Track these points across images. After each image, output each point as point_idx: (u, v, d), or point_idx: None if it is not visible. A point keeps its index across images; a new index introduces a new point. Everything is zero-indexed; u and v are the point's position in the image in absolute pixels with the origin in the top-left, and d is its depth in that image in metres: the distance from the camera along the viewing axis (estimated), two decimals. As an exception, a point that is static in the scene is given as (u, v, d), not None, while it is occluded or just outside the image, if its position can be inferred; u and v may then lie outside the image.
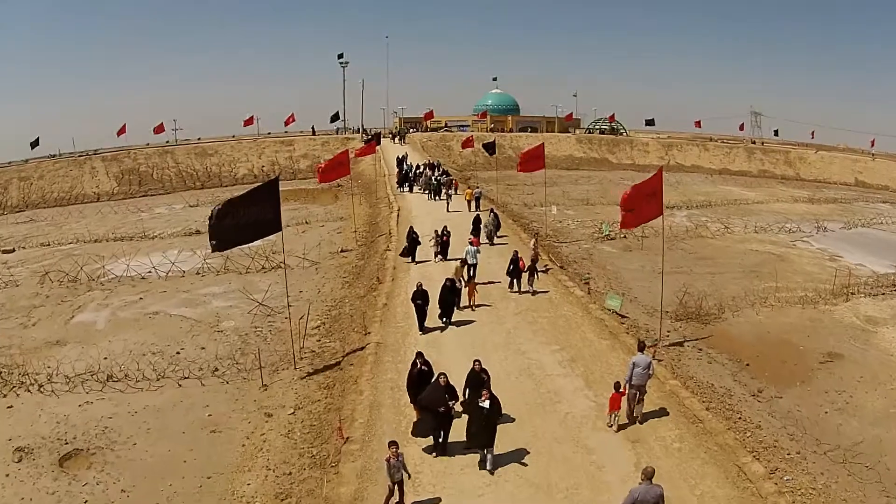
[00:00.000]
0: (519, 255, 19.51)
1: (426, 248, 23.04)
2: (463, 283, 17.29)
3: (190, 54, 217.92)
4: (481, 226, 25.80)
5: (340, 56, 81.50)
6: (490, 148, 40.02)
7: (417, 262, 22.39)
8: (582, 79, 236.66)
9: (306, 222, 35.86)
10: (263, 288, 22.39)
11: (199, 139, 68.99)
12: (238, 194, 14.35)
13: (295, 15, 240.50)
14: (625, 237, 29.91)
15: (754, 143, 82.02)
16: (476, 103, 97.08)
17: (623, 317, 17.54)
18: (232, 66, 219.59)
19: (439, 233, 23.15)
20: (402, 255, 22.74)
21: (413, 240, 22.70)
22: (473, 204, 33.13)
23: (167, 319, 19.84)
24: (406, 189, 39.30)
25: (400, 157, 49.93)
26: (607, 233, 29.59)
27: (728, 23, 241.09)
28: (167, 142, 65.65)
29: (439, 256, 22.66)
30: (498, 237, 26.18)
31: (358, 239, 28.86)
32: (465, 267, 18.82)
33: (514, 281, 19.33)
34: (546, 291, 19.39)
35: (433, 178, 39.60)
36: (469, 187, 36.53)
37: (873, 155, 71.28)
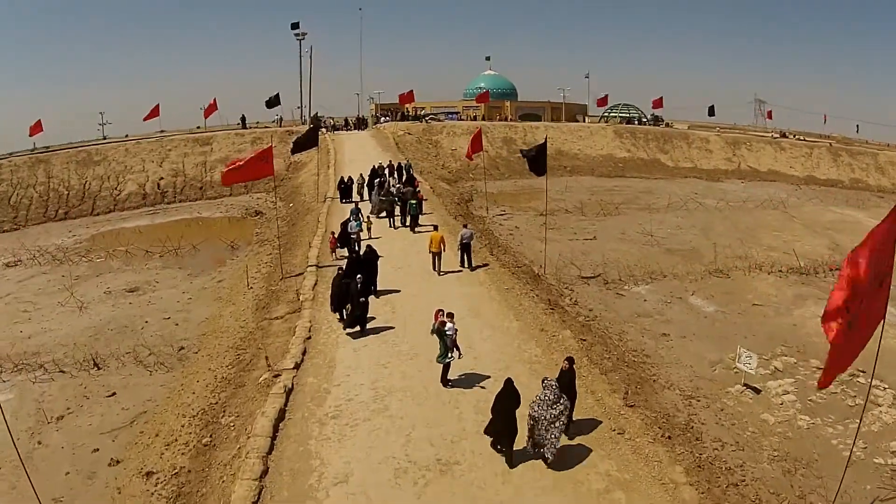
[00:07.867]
0: None
1: None
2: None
3: (129, 29, 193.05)
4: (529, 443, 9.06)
5: (295, 26, 61.14)
6: (539, 166, 20.40)
7: None
8: (586, 60, 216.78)
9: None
10: None
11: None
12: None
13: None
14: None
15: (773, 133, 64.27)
16: (466, 87, 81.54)
17: None
18: (167, 46, 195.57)
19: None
20: None
21: None
22: (460, 257, 18.47)
23: None
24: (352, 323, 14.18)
25: (346, 179, 29.24)
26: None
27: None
28: (34, 146, 45.08)
29: None
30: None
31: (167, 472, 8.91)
32: None
33: None
34: None
35: (393, 186, 26.16)
36: (435, 227, 19.09)
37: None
